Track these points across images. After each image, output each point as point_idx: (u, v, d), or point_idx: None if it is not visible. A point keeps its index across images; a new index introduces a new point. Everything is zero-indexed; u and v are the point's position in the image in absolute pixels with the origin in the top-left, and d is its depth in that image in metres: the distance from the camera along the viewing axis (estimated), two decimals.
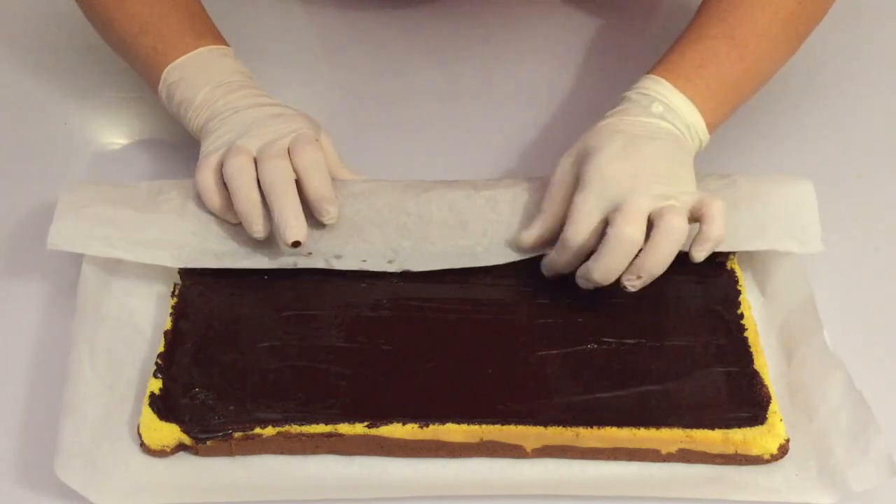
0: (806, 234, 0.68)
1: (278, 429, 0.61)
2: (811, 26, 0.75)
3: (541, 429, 0.61)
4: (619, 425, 0.60)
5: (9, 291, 0.71)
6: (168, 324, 0.66)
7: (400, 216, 0.69)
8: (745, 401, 0.62)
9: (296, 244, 0.65)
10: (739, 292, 0.68)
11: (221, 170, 0.68)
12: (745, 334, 0.66)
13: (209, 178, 0.68)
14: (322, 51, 0.93)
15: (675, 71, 0.70)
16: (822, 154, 0.82)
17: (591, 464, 0.62)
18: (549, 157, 0.70)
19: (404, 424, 0.61)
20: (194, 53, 0.73)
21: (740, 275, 0.69)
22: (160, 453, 0.61)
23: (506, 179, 0.72)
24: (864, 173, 0.81)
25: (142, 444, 0.61)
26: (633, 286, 0.63)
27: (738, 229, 0.68)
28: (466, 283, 0.68)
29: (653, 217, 0.62)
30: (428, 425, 0.61)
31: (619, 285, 0.64)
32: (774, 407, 0.62)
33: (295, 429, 0.61)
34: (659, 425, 0.61)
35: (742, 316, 0.67)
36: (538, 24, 0.94)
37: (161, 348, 0.64)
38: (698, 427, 0.61)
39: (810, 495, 0.59)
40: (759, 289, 0.70)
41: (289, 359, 0.64)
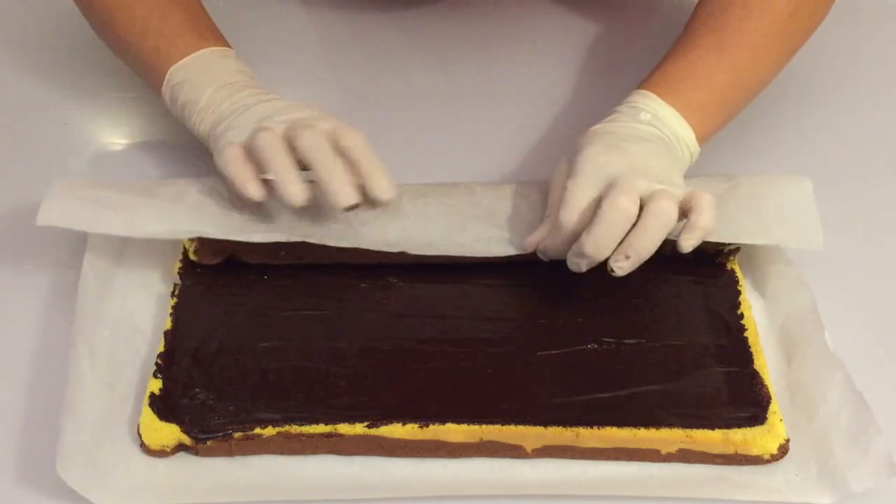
0: (807, 232, 0.68)
1: (278, 429, 0.61)
2: (803, 38, 0.75)
3: (541, 429, 0.61)
4: (620, 425, 0.60)
5: (8, 291, 0.71)
6: (168, 324, 0.66)
7: (399, 219, 0.69)
8: (746, 401, 0.62)
9: (351, 207, 0.63)
10: (739, 292, 0.68)
11: (248, 149, 0.65)
12: (746, 334, 0.66)
13: (237, 151, 0.65)
14: (322, 51, 0.93)
15: (662, 84, 0.70)
16: (822, 154, 0.82)
17: (592, 464, 0.62)
18: (549, 157, 0.70)
19: (404, 424, 0.61)
20: (197, 55, 0.73)
21: (740, 275, 0.69)
22: (160, 453, 0.61)
23: (505, 184, 0.72)
24: (864, 173, 0.81)
25: (142, 445, 0.61)
26: (621, 268, 0.62)
27: (740, 224, 0.68)
28: (466, 283, 0.69)
29: (644, 200, 0.62)
30: (428, 425, 0.61)
31: (607, 270, 0.63)
32: (774, 407, 0.62)
33: (295, 429, 0.61)
34: (659, 425, 0.61)
35: (742, 316, 0.67)
36: (538, 24, 0.94)
37: (161, 348, 0.64)
38: (698, 427, 0.61)
39: (810, 495, 0.59)
40: (759, 290, 0.70)
41: (289, 359, 0.64)
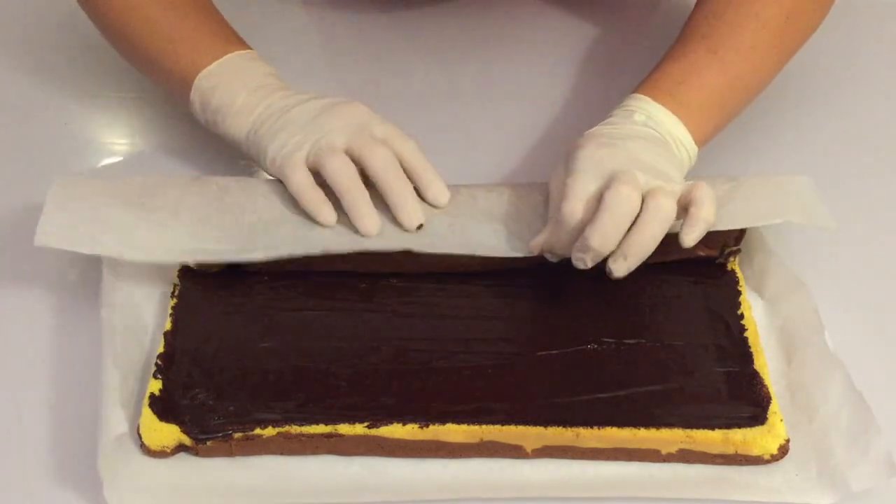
0: (817, 214, 0.68)
1: (278, 429, 0.60)
2: (801, 41, 0.75)
3: (541, 429, 0.61)
4: (620, 425, 0.60)
5: (8, 291, 0.71)
6: (168, 324, 0.66)
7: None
8: (746, 401, 0.62)
9: (420, 227, 0.68)
10: (740, 293, 0.68)
11: (311, 167, 0.68)
12: (746, 334, 0.66)
13: (303, 177, 0.68)
14: (322, 52, 0.93)
15: (657, 88, 0.71)
16: (821, 154, 0.83)
17: (592, 464, 0.62)
18: (548, 157, 0.71)
19: (404, 424, 0.61)
20: (226, 59, 0.73)
21: (740, 275, 0.69)
22: (160, 454, 0.61)
23: (506, 186, 0.72)
24: (864, 173, 0.81)
25: (142, 445, 0.61)
26: (619, 269, 0.63)
27: (748, 211, 0.67)
28: (466, 283, 0.68)
29: (643, 196, 0.62)
30: (428, 425, 0.61)
31: (606, 271, 0.63)
32: (774, 407, 0.62)
33: (295, 429, 0.61)
34: (659, 425, 0.61)
35: (742, 316, 0.67)
36: (538, 25, 0.94)
37: (161, 349, 0.64)
38: (698, 427, 0.61)
39: (810, 495, 0.59)
40: (759, 290, 0.70)
41: (289, 359, 0.64)
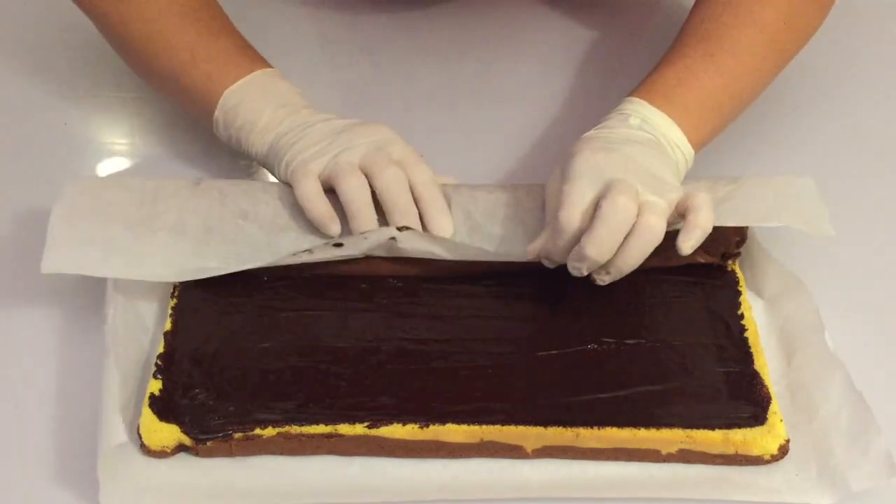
0: (816, 219, 0.68)
1: (278, 429, 0.60)
2: (798, 45, 0.75)
3: (541, 429, 0.61)
4: (620, 425, 0.60)
5: (8, 291, 0.71)
6: (168, 324, 0.66)
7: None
8: (746, 401, 0.62)
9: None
10: (740, 293, 0.68)
11: (325, 180, 0.68)
12: (746, 335, 0.66)
13: (312, 187, 0.68)
14: (322, 52, 0.93)
15: (651, 91, 0.71)
16: (821, 154, 0.83)
17: (592, 464, 0.62)
18: (548, 158, 0.71)
19: (404, 425, 0.61)
20: (251, 77, 0.73)
21: (741, 276, 0.69)
22: (160, 454, 0.61)
23: (504, 189, 0.72)
24: (864, 174, 0.81)
25: (142, 445, 0.61)
26: (603, 280, 0.65)
27: (747, 211, 0.67)
28: (466, 283, 0.68)
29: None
30: (428, 425, 0.61)
31: (591, 277, 0.64)
32: (774, 407, 0.62)
33: (295, 429, 0.61)
34: (659, 425, 0.61)
35: (742, 316, 0.67)
36: (537, 26, 0.94)
37: (161, 349, 0.64)
38: (698, 427, 0.61)
39: (810, 495, 0.59)
40: (759, 290, 0.70)
41: (289, 359, 0.64)
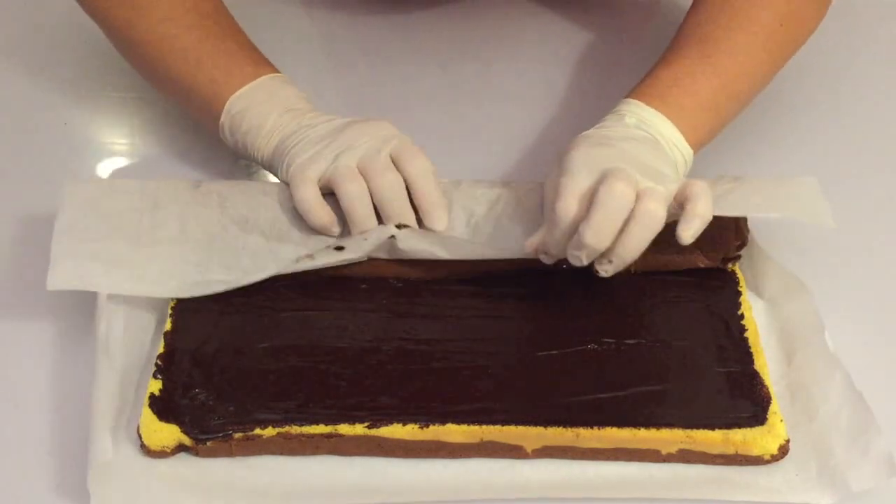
0: (817, 211, 0.67)
1: (278, 429, 0.60)
2: (795, 46, 0.75)
3: (541, 429, 0.61)
4: (620, 425, 0.60)
5: (8, 292, 0.71)
6: (168, 324, 0.66)
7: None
8: (746, 401, 0.62)
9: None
10: (740, 293, 0.68)
11: (325, 184, 0.68)
12: (746, 335, 0.66)
13: (311, 193, 0.68)
14: (322, 52, 0.93)
15: (648, 92, 0.71)
16: (821, 155, 0.83)
17: (592, 464, 0.62)
18: (547, 157, 0.70)
19: (404, 425, 0.61)
20: (257, 82, 0.73)
21: (741, 276, 0.69)
22: (160, 454, 0.61)
23: (504, 186, 0.72)
24: (864, 174, 0.81)
25: (142, 445, 0.61)
26: (605, 271, 0.63)
27: (748, 203, 0.67)
28: (466, 283, 0.68)
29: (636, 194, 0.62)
30: (428, 426, 0.61)
31: (593, 269, 0.63)
32: (774, 407, 0.62)
33: (295, 429, 0.61)
34: (659, 425, 0.61)
35: (742, 316, 0.67)
36: (536, 26, 0.94)
37: (161, 349, 0.64)
38: (698, 427, 0.61)
39: (810, 495, 0.59)
40: (759, 290, 0.70)
41: (289, 359, 0.64)
